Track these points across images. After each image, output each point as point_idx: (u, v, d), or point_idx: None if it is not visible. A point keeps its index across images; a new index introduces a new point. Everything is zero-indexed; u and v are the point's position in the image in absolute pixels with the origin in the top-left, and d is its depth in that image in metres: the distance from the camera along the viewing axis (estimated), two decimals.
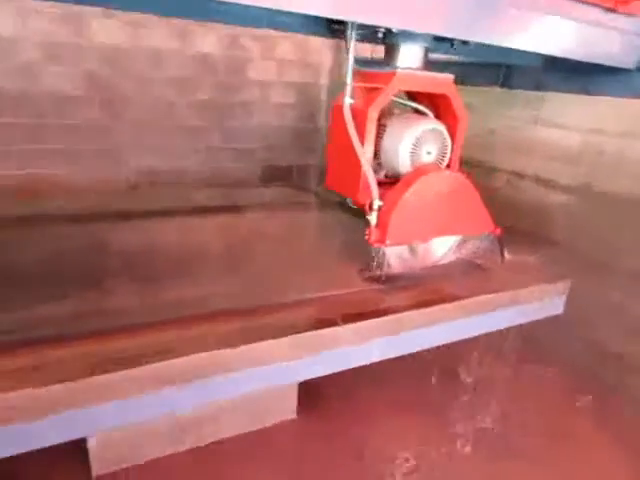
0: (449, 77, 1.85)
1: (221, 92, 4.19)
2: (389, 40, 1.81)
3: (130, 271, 1.96)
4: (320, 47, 4.52)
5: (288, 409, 2.12)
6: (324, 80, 4.74)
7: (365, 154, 1.72)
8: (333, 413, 2.17)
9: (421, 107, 1.98)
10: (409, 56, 1.82)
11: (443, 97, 1.90)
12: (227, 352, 1.42)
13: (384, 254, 1.77)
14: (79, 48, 3.64)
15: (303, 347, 1.54)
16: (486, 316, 1.89)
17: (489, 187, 3.20)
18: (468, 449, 2.00)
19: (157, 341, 1.41)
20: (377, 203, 1.73)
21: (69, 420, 1.24)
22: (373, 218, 1.73)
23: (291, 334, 1.51)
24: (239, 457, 1.91)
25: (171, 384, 1.35)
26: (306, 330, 1.55)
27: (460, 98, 1.89)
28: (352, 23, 1.63)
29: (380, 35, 1.74)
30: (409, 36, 1.77)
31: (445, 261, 1.99)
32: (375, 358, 1.72)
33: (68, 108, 3.71)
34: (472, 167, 3.28)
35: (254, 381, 1.50)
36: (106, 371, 1.25)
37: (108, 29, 3.70)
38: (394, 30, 1.65)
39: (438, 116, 1.99)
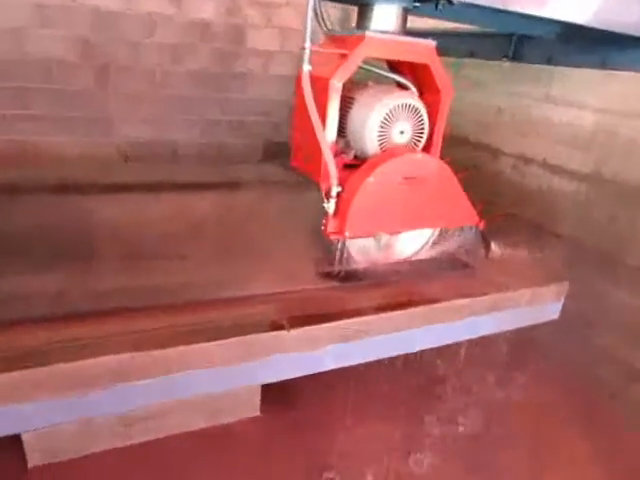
0: (430, 43, 1.59)
1: (219, 61, 3.96)
2: None
3: (86, 250, 1.81)
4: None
5: (251, 406, 1.95)
6: None
7: (323, 131, 1.49)
8: (301, 414, 1.99)
9: (401, 79, 1.72)
10: (383, 18, 1.57)
11: (425, 68, 1.64)
12: (150, 354, 1.25)
13: (344, 247, 1.56)
14: (70, 11, 3.45)
15: (240, 352, 1.36)
16: (463, 322, 1.67)
17: (494, 172, 2.93)
18: (439, 461, 1.80)
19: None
20: (335, 189, 1.50)
21: None
22: (330, 206, 1.51)
23: (226, 337, 1.34)
24: (190, 453, 1.76)
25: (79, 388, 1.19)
26: (246, 333, 1.36)
27: (443, 69, 1.63)
28: None
29: None
30: None
31: (421, 256, 1.76)
32: (329, 366, 1.53)
33: (57, 73, 3.55)
34: (477, 150, 3.02)
35: (180, 388, 1.33)
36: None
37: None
38: None
39: (421, 91, 1.74)
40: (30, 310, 1.37)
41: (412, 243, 1.73)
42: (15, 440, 1.58)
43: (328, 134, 1.54)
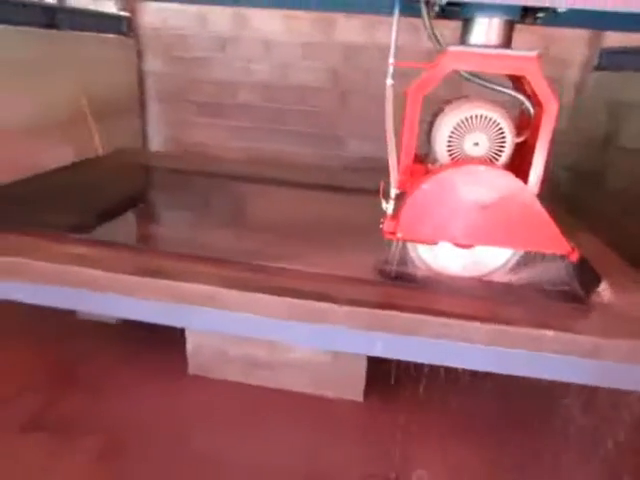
0: (530, 54, 1.51)
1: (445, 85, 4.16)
2: (461, 14, 1.61)
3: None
4: (569, 37, 3.94)
5: (355, 389, 2.13)
6: (573, 75, 4.14)
7: (391, 137, 1.61)
8: (401, 411, 2.04)
9: (512, 92, 1.67)
10: (483, 31, 1.57)
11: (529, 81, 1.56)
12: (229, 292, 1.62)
13: (401, 248, 1.63)
14: (326, 47, 4.25)
15: (296, 312, 1.58)
16: (542, 357, 1.48)
17: None
18: None
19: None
20: (394, 192, 1.60)
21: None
22: (389, 207, 1.62)
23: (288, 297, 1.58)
24: (293, 413, 2.05)
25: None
26: (304, 298, 1.57)
27: (545, 81, 1.52)
28: None
29: (437, 9, 1.57)
30: (477, 7, 1.53)
31: (498, 277, 1.65)
32: (379, 353, 1.62)
33: (309, 98, 4.39)
34: None
35: (246, 327, 1.66)
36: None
37: (349, 29, 4.18)
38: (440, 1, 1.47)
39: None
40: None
41: (488, 261, 1.65)
42: (181, 350, 2.19)
43: (408, 142, 1.65)
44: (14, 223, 1.96)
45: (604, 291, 1.58)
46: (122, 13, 3.88)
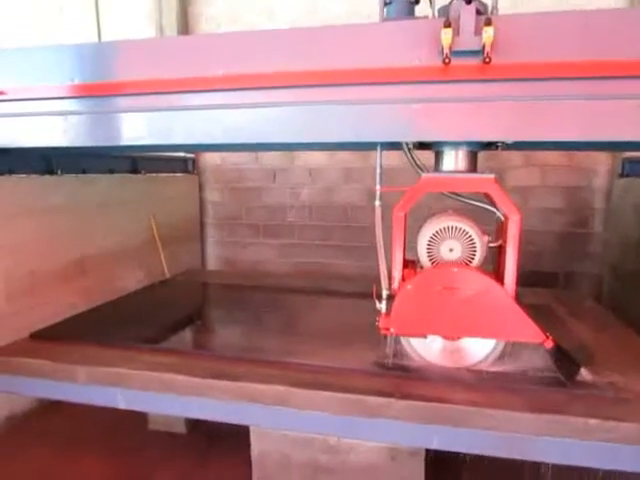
0: (489, 177, 1.83)
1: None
2: (433, 148, 1.98)
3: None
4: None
5: None
6: (600, 183, 4.39)
7: (381, 247, 1.93)
8: None
9: (486, 206, 1.97)
10: (452, 160, 1.92)
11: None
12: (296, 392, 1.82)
13: (394, 342, 1.86)
14: (365, 170, 4.81)
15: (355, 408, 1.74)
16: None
17: None
18: None
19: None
20: (385, 292, 1.88)
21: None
22: (382, 307, 1.88)
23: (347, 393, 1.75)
24: None
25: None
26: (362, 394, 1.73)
27: (505, 196, 1.81)
28: None
29: (413, 145, 1.96)
30: (445, 143, 1.91)
31: (488, 367, 1.81)
32: (433, 445, 1.72)
33: (351, 215, 4.87)
34: None
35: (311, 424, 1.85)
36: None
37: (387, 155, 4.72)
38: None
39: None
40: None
41: (476, 351, 1.82)
42: (246, 458, 2.24)
43: (395, 249, 1.95)
44: (105, 338, 2.35)
45: (585, 377, 1.69)
46: (189, 155, 4.69)
